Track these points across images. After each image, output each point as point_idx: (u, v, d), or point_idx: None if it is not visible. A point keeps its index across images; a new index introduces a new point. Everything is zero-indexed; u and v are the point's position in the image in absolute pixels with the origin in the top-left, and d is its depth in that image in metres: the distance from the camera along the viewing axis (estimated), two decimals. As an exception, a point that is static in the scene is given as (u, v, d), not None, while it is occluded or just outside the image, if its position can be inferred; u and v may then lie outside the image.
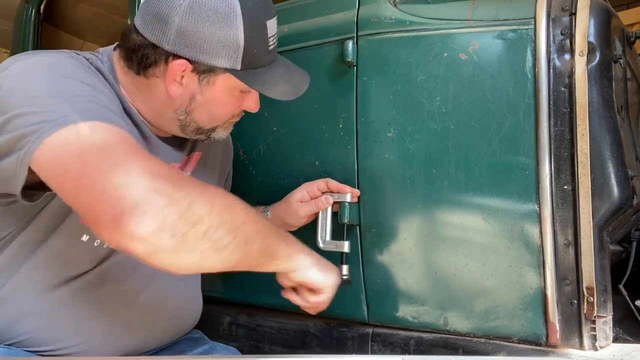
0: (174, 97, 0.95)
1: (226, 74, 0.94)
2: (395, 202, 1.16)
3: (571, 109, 1.00)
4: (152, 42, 0.92)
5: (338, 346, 1.25)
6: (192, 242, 0.70)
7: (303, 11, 1.33)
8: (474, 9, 1.11)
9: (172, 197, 0.68)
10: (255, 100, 1.03)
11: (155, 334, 1.08)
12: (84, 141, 0.71)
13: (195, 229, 0.70)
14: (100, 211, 0.67)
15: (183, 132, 1.02)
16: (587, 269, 0.98)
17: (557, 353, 1.01)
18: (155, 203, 0.66)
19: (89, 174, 0.68)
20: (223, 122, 1.03)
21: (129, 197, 0.65)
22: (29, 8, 2.19)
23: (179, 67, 0.92)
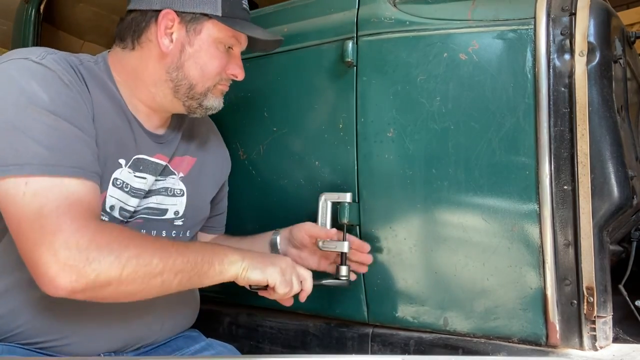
0: (166, 52, 1.03)
1: (210, 22, 1.04)
2: (395, 202, 1.16)
3: (571, 109, 1.00)
4: (142, 9, 1.04)
5: (338, 346, 1.25)
6: (104, 295, 0.86)
7: (303, 11, 1.33)
8: (474, 9, 1.11)
9: (80, 272, 0.82)
10: (238, 64, 1.11)
11: (151, 328, 1.10)
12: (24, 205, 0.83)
13: (104, 290, 0.85)
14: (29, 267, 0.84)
15: (176, 95, 1.07)
16: (587, 269, 0.98)
17: (557, 353, 1.01)
18: (64, 280, 0.81)
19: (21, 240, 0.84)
20: (212, 81, 1.08)
21: (46, 274, 0.82)
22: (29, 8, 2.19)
23: (167, 18, 1.02)
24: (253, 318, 1.40)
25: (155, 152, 1.10)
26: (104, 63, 1.06)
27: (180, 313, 1.18)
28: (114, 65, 1.06)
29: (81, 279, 0.82)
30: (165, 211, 1.12)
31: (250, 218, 1.38)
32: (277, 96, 1.34)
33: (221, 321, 1.45)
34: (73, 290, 0.82)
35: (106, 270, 0.83)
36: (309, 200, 1.24)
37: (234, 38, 1.08)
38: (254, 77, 1.16)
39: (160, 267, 0.88)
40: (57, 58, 0.96)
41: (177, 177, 1.14)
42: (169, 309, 1.13)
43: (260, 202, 1.36)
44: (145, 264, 0.87)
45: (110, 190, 1.00)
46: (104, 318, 1.01)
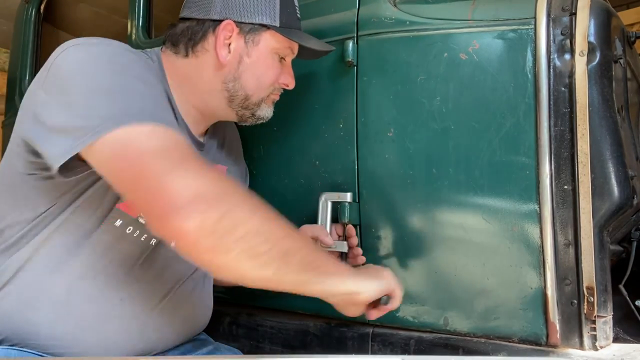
0: (224, 62, 1.03)
1: (268, 32, 1.04)
2: (395, 202, 1.16)
3: (571, 109, 1.00)
4: (199, 19, 1.03)
5: (338, 346, 1.25)
6: (228, 244, 0.75)
7: (303, 11, 1.33)
8: (474, 9, 1.11)
9: (214, 202, 0.75)
10: (290, 73, 1.12)
11: (167, 337, 1.08)
12: (142, 145, 0.77)
13: (233, 232, 0.75)
14: (152, 208, 0.76)
15: (230, 105, 1.07)
16: (587, 269, 0.98)
17: (557, 353, 1.01)
18: (199, 207, 0.73)
19: (145, 175, 0.76)
20: (267, 91, 1.08)
21: (177, 200, 0.73)
22: (29, 8, 2.19)
23: (227, 29, 1.02)
24: (253, 318, 1.40)
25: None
26: (159, 62, 1.05)
27: (196, 321, 1.17)
28: (167, 66, 1.05)
29: (215, 209, 0.74)
30: None
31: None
32: (277, 96, 1.34)
33: (221, 321, 1.45)
34: (203, 223, 0.73)
35: (239, 207, 0.77)
36: (309, 200, 1.24)
37: (289, 48, 1.09)
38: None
39: (284, 231, 0.82)
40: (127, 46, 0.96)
41: None
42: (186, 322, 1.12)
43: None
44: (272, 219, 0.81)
45: None
46: (124, 329, 0.99)
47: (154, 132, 0.79)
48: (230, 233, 0.75)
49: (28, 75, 2.17)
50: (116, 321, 0.97)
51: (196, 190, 0.74)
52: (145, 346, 1.04)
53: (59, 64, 0.88)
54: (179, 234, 0.74)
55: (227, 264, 0.78)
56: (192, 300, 1.12)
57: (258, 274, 0.80)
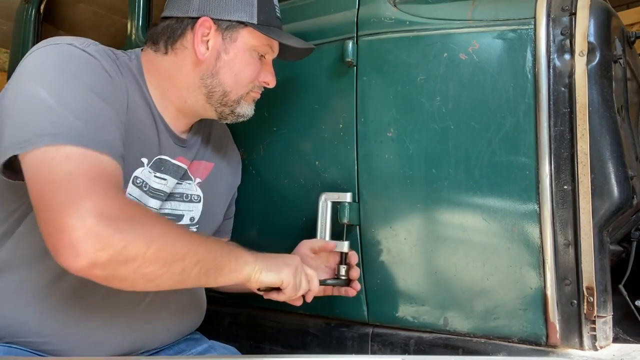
0: (202, 59, 1.04)
1: (246, 30, 1.05)
2: (395, 202, 1.16)
3: (571, 109, 1.00)
4: (178, 17, 1.05)
5: (338, 346, 1.25)
6: (123, 275, 0.79)
7: (303, 11, 1.33)
8: (474, 9, 1.11)
9: (107, 241, 0.75)
10: (270, 71, 1.12)
11: (157, 333, 1.09)
12: (52, 169, 0.79)
13: (126, 265, 0.78)
14: (47, 238, 0.77)
15: (209, 101, 1.08)
16: (587, 269, 0.98)
17: (557, 353, 1.01)
18: (89, 248, 0.74)
19: (45, 205, 0.78)
20: (246, 89, 1.09)
21: (68, 239, 0.74)
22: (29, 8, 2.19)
23: (204, 25, 1.03)
24: (253, 318, 1.40)
25: (178, 154, 1.10)
26: (137, 61, 1.07)
27: (187, 319, 1.18)
28: (146, 65, 1.07)
29: (108, 248, 0.75)
30: (181, 217, 1.12)
31: (250, 218, 1.38)
32: (277, 96, 1.34)
33: (221, 321, 1.45)
34: (94, 262, 0.75)
35: (134, 242, 0.77)
36: (309, 200, 1.24)
37: (268, 46, 1.09)
38: (254, 77, 1.16)
39: (183, 252, 0.84)
40: (99, 49, 0.96)
41: (193, 182, 1.14)
42: (176, 316, 1.12)
43: (260, 202, 1.36)
44: (170, 243, 0.83)
45: (129, 188, 0.99)
46: (110, 323, 1.00)
47: (68, 156, 0.80)
48: (122, 267, 0.78)
49: (28, 75, 2.16)
50: (101, 316, 0.98)
51: (88, 227, 0.74)
52: (135, 342, 1.04)
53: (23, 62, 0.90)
54: (71, 269, 0.76)
55: (125, 286, 0.82)
56: (181, 296, 1.12)
57: (156, 288, 0.87)
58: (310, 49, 1.16)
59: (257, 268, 0.98)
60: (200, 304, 1.22)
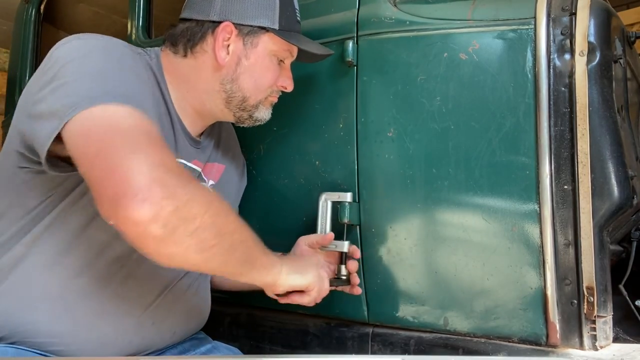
0: (222, 64, 1.04)
1: (267, 35, 1.05)
2: (395, 202, 1.16)
3: (571, 109, 1.00)
4: (199, 19, 1.04)
5: (338, 346, 1.25)
6: (180, 237, 0.74)
7: (303, 11, 1.33)
8: (474, 9, 1.11)
9: (172, 191, 0.72)
10: (289, 76, 1.12)
11: (163, 335, 1.09)
12: (113, 122, 0.76)
13: (186, 225, 0.74)
14: (106, 188, 0.72)
15: (228, 106, 1.07)
16: (587, 269, 0.98)
17: (557, 353, 1.01)
18: (156, 194, 0.70)
19: (107, 153, 0.73)
20: (265, 93, 1.08)
21: (135, 183, 0.69)
22: (29, 8, 2.19)
23: (226, 30, 1.02)
24: (253, 318, 1.40)
25: (193, 157, 1.10)
26: (157, 60, 1.06)
27: (193, 321, 1.18)
28: (166, 66, 1.06)
29: (173, 198, 0.72)
30: None
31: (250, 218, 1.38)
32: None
33: (221, 321, 1.45)
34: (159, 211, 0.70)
35: (196, 200, 0.75)
36: (309, 200, 1.24)
37: (288, 51, 1.09)
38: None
39: (233, 226, 0.83)
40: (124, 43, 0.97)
41: (207, 184, 1.14)
42: (182, 318, 1.12)
43: (260, 202, 1.36)
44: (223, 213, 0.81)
45: None
46: (119, 324, 0.99)
47: (128, 114, 0.78)
48: (182, 226, 0.74)
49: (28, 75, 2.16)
50: (111, 317, 0.98)
51: (155, 174, 0.71)
52: (142, 342, 1.04)
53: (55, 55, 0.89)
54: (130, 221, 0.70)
55: (175, 255, 0.77)
56: (189, 298, 1.12)
57: (202, 265, 0.83)
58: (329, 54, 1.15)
59: (284, 270, 0.97)
60: (205, 307, 1.22)
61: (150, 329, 1.04)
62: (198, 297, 1.17)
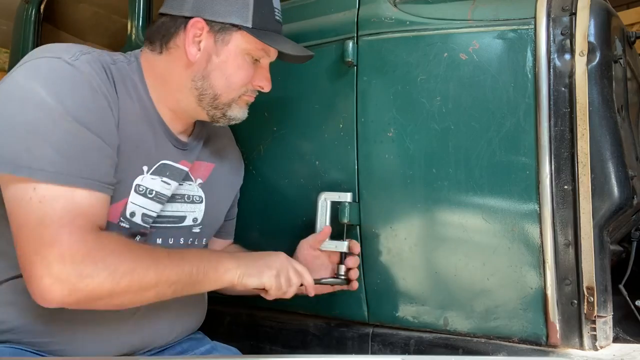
0: (193, 60, 1.02)
1: (239, 33, 1.03)
2: (395, 202, 1.16)
3: (571, 109, 1.00)
4: (173, 15, 1.04)
5: (338, 346, 1.25)
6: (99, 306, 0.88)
7: (303, 11, 1.33)
8: (474, 9, 1.11)
9: (73, 286, 0.82)
10: (266, 76, 1.10)
11: (161, 332, 1.09)
12: (29, 211, 0.83)
13: (97, 302, 0.86)
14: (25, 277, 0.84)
15: (200, 104, 1.06)
16: (587, 269, 0.98)
17: (557, 353, 1.01)
18: (58, 293, 0.82)
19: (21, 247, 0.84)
20: (237, 92, 1.07)
21: (39, 286, 0.82)
22: (29, 8, 2.19)
23: (196, 26, 1.01)
24: (253, 318, 1.40)
25: (180, 158, 1.09)
26: (137, 63, 1.05)
27: (190, 317, 1.18)
28: (145, 66, 1.06)
29: (74, 293, 0.82)
30: (183, 218, 1.11)
31: (250, 218, 1.38)
32: (277, 96, 1.34)
33: (221, 321, 1.45)
34: (63, 303, 0.83)
35: (99, 285, 0.83)
36: (309, 200, 1.24)
37: (263, 50, 1.06)
38: (254, 77, 1.16)
39: (154, 280, 0.89)
40: (91, 59, 0.94)
41: (195, 183, 1.14)
42: (179, 314, 1.12)
43: (260, 202, 1.36)
44: (140, 278, 0.87)
45: (132, 196, 0.99)
46: (115, 322, 1.00)
47: (43, 199, 0.83)
48: (95, 302, 0.85)
49: (28, 75, 2.16)
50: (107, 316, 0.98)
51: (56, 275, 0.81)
52: (141, 340, 1.05)
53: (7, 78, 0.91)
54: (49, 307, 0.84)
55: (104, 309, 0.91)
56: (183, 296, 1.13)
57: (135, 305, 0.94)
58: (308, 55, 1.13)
59: (239, 274, 1.00)
60: (201, 303, 1.23)
61: (146, 326, 1.05)
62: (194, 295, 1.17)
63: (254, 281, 1.02)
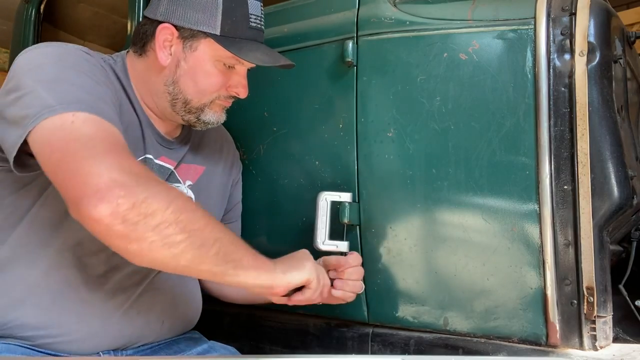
0: (164, 64, 1.04)
1: (207, 40, 1.03)
2: (395, 202, 1.16)
3: (571, 109, 1.00)
4: (149, 18, 1.06)
5: (338, 346, 1.25)
6: (142, 232, 0.77)
7: (303, 11, 1.33)
8: (474, 9, 1.11)
9: (130, 189, 0.76)
10: (241, 83, 1.08)
11: (152, 325, 1.10)
12: (74, 130, 0.81)
13: (147, 220, 0.77)
14: (69, 192, 0.79)
15: (174, 108, 1.07)
16: (587, 269, 0.98)
17: (557, 353, 1.01)
18: (113, 193, 0.75)
19: (67, 161, 0.79)
20: (209, 98, 1.07)
21: (93, 185, 0.76)
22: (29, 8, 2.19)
23: (165, 32, 1.03)
24: (253, 318, 1.40)
25: (160, 154, 1.10)
26: (122, 63, 1.08)
27: (181, 313, 1.18)
28: (129, 67, 1.08)
29: (130, 196, 0.76)
30: None
31: (250, 218, 1.38)
32: (277, 96, 1.34)
33: (221, 321, 1.45)
34: (117, 209, 0.75)
35: (155, 197, 0.78)
36: (309, 200, 1.23)
37: (234, 58, 1.04)
38: (254, 77, 1.16)
39: (202, 222, 0.83)
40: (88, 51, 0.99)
41: (183, 185, 1.14)
42: (169, 308, 1.13)
43: (260, 202, 1.36)
44: (189, 209, 0.82)
45: None
46: (106, 314, 1.01)
47: (86, 121, 0.82)
48: (142, 222, 0.77)
49: (28, 75, 2.16)
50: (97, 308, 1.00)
51: (113, 176, 0.76)
52: (131, 333, 1.05)
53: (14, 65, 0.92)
54: (92, 219, 0.76)
55: (140, 251, 0.79)
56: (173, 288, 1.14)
57: (172, 262, 0.82)
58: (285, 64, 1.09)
59: (279, 269, 0.95)
60: (194, 299, 1.22)
61: (136, 318, 1.06)
62: (184, 290, 1.18)
63: (297, 275, 0.96)
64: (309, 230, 1.21)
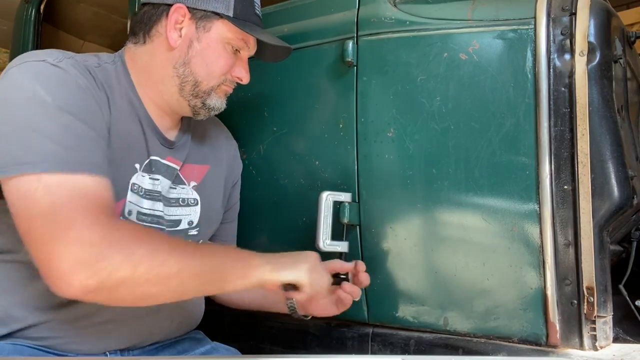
0: (174, 45, 1.04)
1: (220, 21, 1.05)
2: (395, 202, 1.16)
3: (571, 109, 1.00)
4: (154, 3, 1.05)
5: (338, 346, 1.25)
6: (118, 297, 0.83)
7: (303, 11, 1.33)
8: (474, 9, 1.11)
9: (93, 268, 0.78)
10: (244, 67, 1.11)
11: (161, 325, 1.10)
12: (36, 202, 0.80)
13: (118, 289, 0.81)
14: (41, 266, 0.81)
15: (181, 93, 1.06)
16: (587, 269, 0.98)
17: (557, 353, 1.01)
18: (77, 277, 0.78)
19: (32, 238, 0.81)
20: (217, 81, 1.08)
21: (58, 269, 0.78)
22: (29, 8, 2.19)
23: (178, 12, 1.03)
24: (253, 318, 1.40)
25: (166, 155, 1.10)
26: (121, 62, 1.06)
27: (189, 311, 1.18)
28: (129, 62, 1.07)
29: (93, 276, 0.78)
30: (178, 222, 1.11)
31: (250, 218, 1.38)
32: (277, 96, 1.34)
33: (221, 321, 1.45)
34: (85, 289, 0.78)
35: (118, 268, 0.79)
36: (309, 200, 1.24)
37: (243, 41, 1.08)
38: (254, 77, 1.16)
39: (176, 268, 0.84)
40: (74, 62, 0.94)
41: (188, 186, 1.14)
42: (178, 307, 1.13)
43: (260, 202, 1.36)
44: (160, 262, 0.82)
45: (129, 196, 0.99)
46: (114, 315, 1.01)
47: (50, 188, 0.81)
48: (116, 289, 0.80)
49: (28, 75, 2.16)
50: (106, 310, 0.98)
51: (75, 256, 0.78)
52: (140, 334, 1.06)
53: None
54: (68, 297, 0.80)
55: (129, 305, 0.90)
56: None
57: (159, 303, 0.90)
58: (287, 48, 1.15)
59: (269, 269, 0.95)
60: (199, 299, 1.23)
61: (145, 318, 1.05)
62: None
63: (287, 275, 0.96)
64: (309, 230, 1.21)
